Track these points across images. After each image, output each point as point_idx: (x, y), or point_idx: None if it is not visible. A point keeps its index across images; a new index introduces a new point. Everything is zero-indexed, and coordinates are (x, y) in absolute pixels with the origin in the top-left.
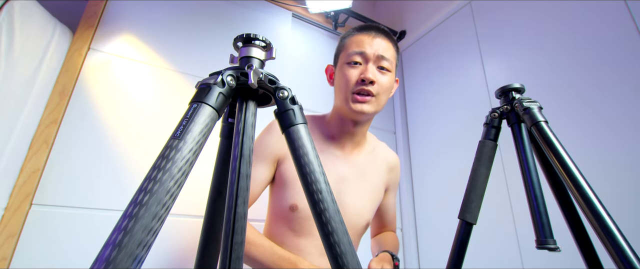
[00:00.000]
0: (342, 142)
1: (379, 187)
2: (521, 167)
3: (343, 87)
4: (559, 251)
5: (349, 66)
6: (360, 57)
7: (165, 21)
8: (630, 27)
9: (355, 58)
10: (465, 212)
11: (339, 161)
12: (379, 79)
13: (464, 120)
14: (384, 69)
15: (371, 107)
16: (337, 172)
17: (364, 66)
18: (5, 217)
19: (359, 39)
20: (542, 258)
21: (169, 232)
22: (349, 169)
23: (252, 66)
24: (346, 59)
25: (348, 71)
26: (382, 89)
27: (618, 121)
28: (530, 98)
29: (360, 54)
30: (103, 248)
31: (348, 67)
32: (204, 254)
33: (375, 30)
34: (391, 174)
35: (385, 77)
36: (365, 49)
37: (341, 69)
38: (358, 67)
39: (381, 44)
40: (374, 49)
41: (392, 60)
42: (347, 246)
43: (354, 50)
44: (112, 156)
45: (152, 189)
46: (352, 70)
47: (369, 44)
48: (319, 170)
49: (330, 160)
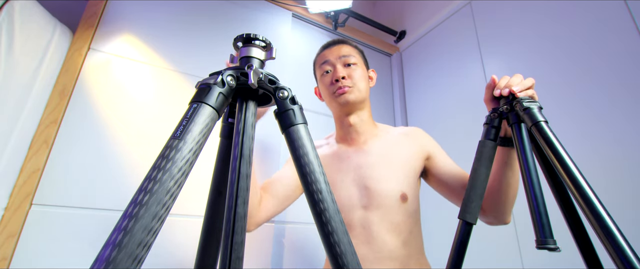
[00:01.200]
0: (349, 138)
1: (410, 158)
2: (521, 167)
3: (326, 94)
4: (559, 251)
5: (323, 77)
6: (328, 65)
7: (165, 21)
8: (630, 27)
9: (324, 68)
10: (465, 212)
11: (353, 154)
12: (349, 73)
13: (464, 120)
14: (351, 65)
15: (352, 94)
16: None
17: (334, 70)
18: (5, 217)
19: (323, 54)
20: (542, 258)
21: (169, 232)
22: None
23: (252, 66)
24: (319, 72)
25: (323, 80)
26: (355, 79)
27: (618, 121)
28: (530, 98)
29: (325, 62)
30: (103, 248)
31: (323, 78)
32: (204, 254)
33: (333, 43)
34: (419, 141)
35: (355, 69)
36: (329, 58)
37: (320, 82)
38: (330, 74)
39: (341, 49)
40: (335, 54)
41: (356, 56)
42: (347, 246)
43: (321, 62)
44: (112, 156)
45: (152, 189)
46: (326, 78)
47: (330, 53)
48: (319, 170)
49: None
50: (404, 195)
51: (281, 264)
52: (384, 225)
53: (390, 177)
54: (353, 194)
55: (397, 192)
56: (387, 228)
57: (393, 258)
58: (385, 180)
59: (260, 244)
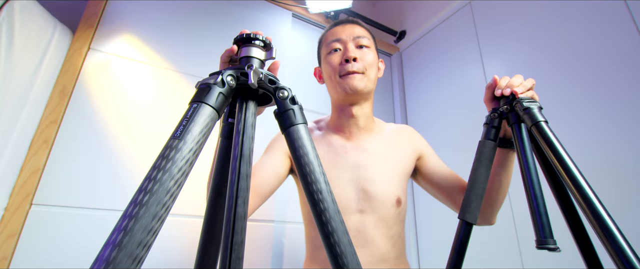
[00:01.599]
0: (348, 131)
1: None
2: (521, 167)
3: (330, 74)
4: (559, 251)
5: (330, 55)
6: (338, 43)
7: (165, 21)
8: (630, 27)
9: (334, 45)
10: (465, 212)
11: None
12: (361, 55)
13: (464, 120)
14: (364, 46)
15: (361, 82)
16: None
17: (344, 49)
18: (5, 217)
19: (334, 30)
20: (542, 258)
21: (169, 232)
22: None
23: (252, 66)
24: (327, 50)
25: (330, 58)
26: (367, 64)
27: (618, 121)
28: (530, 98)
29: (337, 40)
30: (103, 248)
31: (330, 56)
32: (204, 254)
33: (347, 21)
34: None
35: (367, 53)
36: (340, 36)
37: (325, 60)
38: (337, 53)
39: (355, 29)
40: (348, 33)
41: (369, 38)
42: (347, 246)
43: (331, 40)
44: (112, 156)
45: (152, 189)
46: (334, 56)
47: (343, 30)
48: (319, 170)
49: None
50: (399, 199)
51: (281, 264)
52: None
53: (387, 180)
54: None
55: (393, 196)
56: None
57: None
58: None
59: (260, 244)
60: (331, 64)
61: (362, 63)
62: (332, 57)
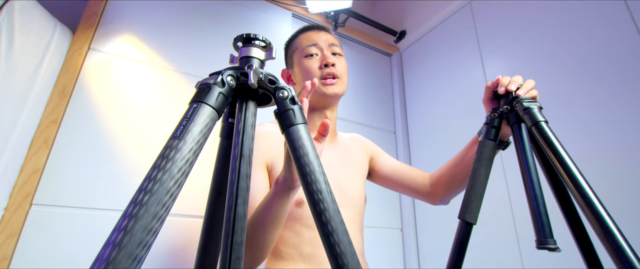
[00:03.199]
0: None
1: (362, 164)
2: (521, 167)
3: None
4: (559, 251)
5: (307, 59)
6: (315, 48)
7: (165, 21)
8: (630, 27)
9: (310, 50)
10: (465, 212)
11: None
12: (336, 61)
13: (464, 120)
14: (337, 54)
15: (339, 88)
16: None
17: (321, 54)
18: (5, 217)
19: (309, 36)
20: (542, 258)
21: (169, 232)
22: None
23: (252, 66)
24: (302, 54)
25: (308, 63)
26: (342, 70)
27: (618, 121)
28: (531, 98)
29: (314, 45)
30: (103, 247)
31: (307, 60)
32: (204, 254)
33: (318, 27)
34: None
35: (341, 61)
36: (317, 41)
37: (300, 64)
38: (315, 57)
39: (328, 36)
40: (323, 39)
41: (340, 47)
42: (347, 246)
43: (307, 44)
44: (112, 156)
45: (152, 189)
46: (311, 61)
47: (318, 36)
48: (319, 170)
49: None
50: (365, 198)
51: None
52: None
53: (355, 180)
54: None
55: (363, 193)
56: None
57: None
58: (352, 183)
59: None
60: (309, 68)
61: (338, 68)
62: (310, 61)
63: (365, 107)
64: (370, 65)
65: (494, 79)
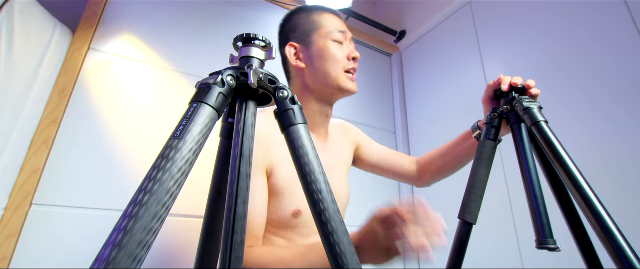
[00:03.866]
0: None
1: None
2: (521, 167)
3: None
4: (559, 251)
5: (334, 44)
6: (342, 36)
7: (165, 21)
8: (630, 27)
9: (338, 36)
10: (465, 212)
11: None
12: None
13: (464, 120)
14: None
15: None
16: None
17: (348, 45)
18: (5, 217)
19: (337, 20)
20: (542, 258)
21: (169, 232)
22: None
23: (252, 66)
24: (330, 36)
25: (336, 49)
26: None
27: (618, 121)
28: (531, 98)
29: (342, 33)
30: (103, 248)
31: (336, 45)
32: (204, 254)
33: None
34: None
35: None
36: (347, 30)
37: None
38: (341, 46)
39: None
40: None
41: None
42: (347, 246)
43: (340, 29)
44: (112, 156)
45: (152, 189)
46: (342, 48)
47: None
48: (319, 170)
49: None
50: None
51: None
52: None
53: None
54: None
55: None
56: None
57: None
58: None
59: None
60: (337, 55)
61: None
62: (339, 48)
63: (365, 107)
64: (370, 65)
65: (496, 79)
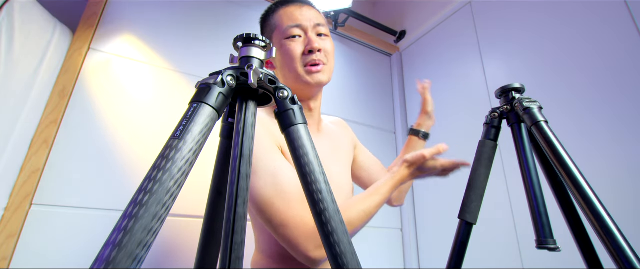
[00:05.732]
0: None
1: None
2: (521, 167)
3: (290, 64)
4: (559, 251)
5: (289, 41)
6: (298, 29)
7: (165, 21)
8: (630, 27)
9: (293, 31)
10: (465, 212)
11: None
12: (323, 45)
13: (464, 120)
14: (323, 35)
15: (325, 75)
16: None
17: (305, 37)
18: (5, 217)
19: (290, 12)
20: (542, 258)
21: (169, 232)
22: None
23: (252, 66)
24: (283, 35)
25: (291, 45)
26: (329, 55)
27: (618, 120)
28: (530, 98)
29: (297, 26)
30: (103, 248)
31: (288, 43)
32: (204, 254)
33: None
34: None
35: (327, 43)
36: (301, 21)
37: (281, 47)
38: (298, 40)
39: (311, 13)
40: (308, 19)
41: (326, 25)
42: (347, 246)
43: (289, 25)
44: (112, 156)
45: (152, 189)
46: (294, 44)
47: (302, 15)
48: (319, 170)
49: None
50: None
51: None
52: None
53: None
54: None
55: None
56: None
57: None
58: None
59: None
60: (292, 53)
61: (324, 53)
62: (294, 44)
63: (365, 107)
64: (370, 65)
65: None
